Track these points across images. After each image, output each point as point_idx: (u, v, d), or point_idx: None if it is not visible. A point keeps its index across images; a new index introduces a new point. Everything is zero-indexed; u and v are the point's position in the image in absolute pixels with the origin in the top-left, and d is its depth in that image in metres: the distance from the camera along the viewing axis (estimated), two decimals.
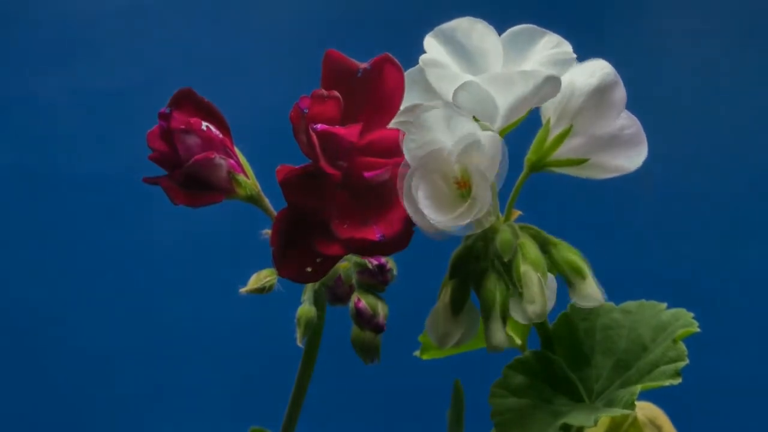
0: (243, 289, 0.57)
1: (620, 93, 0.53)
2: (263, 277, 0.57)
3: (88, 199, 1.34)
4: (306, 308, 0.58)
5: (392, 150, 0.51)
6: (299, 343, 0.59)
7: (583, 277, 0.53)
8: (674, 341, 0.56)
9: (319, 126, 0.51)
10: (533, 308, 0.51)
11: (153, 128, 0.56)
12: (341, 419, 1.29)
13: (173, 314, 1.32)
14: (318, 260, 0.51)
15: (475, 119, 0.50)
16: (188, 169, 0.54)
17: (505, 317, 0.52)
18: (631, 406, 0.53)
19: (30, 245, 1.34)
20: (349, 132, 0.51)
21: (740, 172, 1.31)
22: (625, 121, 0.54)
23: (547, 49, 0.53)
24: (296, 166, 0.52)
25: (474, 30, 0.53)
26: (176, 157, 0.55)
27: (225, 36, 1.37)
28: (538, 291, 0.51)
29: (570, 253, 0.54)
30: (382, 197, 0.51)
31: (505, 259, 0.52)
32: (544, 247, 0.54)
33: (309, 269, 0.51)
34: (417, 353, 0.69)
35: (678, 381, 0.55)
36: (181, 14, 1.37)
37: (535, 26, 0.53)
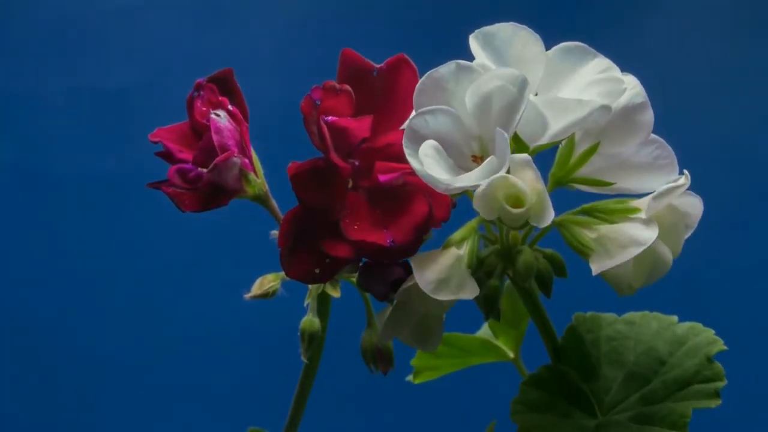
0: (247, 295, 0.57)
1: (648, 115, 0.52)
2: (267, 282, 0.57)
3: (88, 199, 1.33)
4: (309, 320, 0.58)
5: None
6: (304, 358, 0.58)
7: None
8: (709, 360, 0.55)
9: (330, 118, 0.50)
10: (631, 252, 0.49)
11: (157, 130, 0.55)
12: (342, 424, 1.29)
13: (174, 314, 1.32)
14: (326, 261, 0.50)
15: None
16: (210, 174, 0.53)
17: None
18: (684, 428, 0.53)
19: (30, 245, 1.34)
20: (360, 126, 0.51)
21: (743, 171, 1.31)
22: (660, 151, 0.52)
23: (596, 72, 0.52)
24: (306, 161, 0.51)
25: (517, 37, 0.52)
26: (195, 142, 0.54)
27: (225, 36, 1.37)
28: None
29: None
30: (396, 202, 0.51)
31: (524, 285, 0.52)
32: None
33: (317, 270, 0.51)
34: (410, 378, 0.69)
35: (718, 402, 0.54)
36: (181, 14, 1.37)
37: (586, 46, 0.52)
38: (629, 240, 0.49)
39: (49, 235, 1.34)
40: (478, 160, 0.49)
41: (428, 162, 0.48)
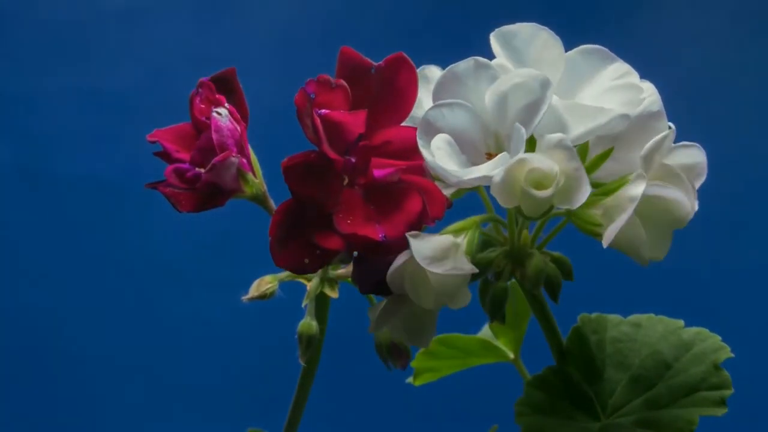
0: (245, 297, 0.57)
1: (663, 123, 0.52)
2: (265, 283, 0.57)
3: (88, 199, 1.33)
4: (307, 324, 0.58)
5: (407, 152, 0.50)
6: (302, 362, 0.58)
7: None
8: (716, 367, 0.55)
9: (323, 111, 0.50)
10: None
11: (155, 131, 0.55)
12: (342, 424, 1.29)
13: (173, 314, 1.31)
14: (316, 252, 0.50)
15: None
16: (208, 174, 0.53)
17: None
18: None
19: (30, 245, 1.34)
20: (355, 120, 0.50)
21: (741, 172, 1.31)
22: None
23: (615, 77, 0.51)
24: (299, 153, 0.51)
25: (537, 38, 0.51)
26: (195, 141, 0.54)
27: (225, 36, 1.37)
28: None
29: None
30: (390, 198, 0.50)
31: (534, 292, 0.52)
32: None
33: (306, 260, 0.50)
34: (410, 380, 0.68)
35: (724, 410, 0.54)
36: (181, 14, 1.37)
37: (607, 50, 0.52)
38: (626, 199, 0.49)
39: (49, 235, 1.33)
40: (492, 157, 0.49)
41: (440, 154, 0.48)
